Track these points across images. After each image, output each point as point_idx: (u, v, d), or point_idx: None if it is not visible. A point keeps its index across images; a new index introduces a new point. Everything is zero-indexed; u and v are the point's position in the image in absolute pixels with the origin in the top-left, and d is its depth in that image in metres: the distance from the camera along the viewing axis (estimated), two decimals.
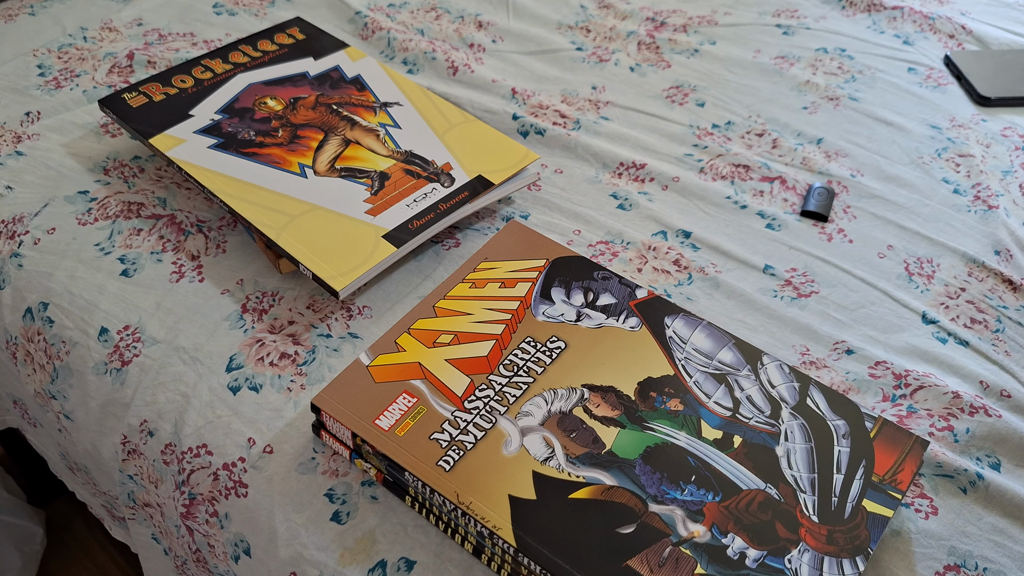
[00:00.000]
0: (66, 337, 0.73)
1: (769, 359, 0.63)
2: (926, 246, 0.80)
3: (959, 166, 0.88)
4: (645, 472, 0.56)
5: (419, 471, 0.56)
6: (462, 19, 1.07)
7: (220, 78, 0.87)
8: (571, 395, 0.60)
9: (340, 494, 0.61)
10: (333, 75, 0.89)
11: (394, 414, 0.59)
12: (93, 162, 0.85)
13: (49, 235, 0.78)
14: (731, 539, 0.53)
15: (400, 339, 0.64)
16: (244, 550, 0.63)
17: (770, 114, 0.94)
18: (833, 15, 1.10)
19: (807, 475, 0.56)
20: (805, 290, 0.75)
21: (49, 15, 1.04)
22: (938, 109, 0.95)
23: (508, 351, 0.63)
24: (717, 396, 0.61)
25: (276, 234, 0.72)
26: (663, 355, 0.63)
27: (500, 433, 0.58)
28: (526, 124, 0.91)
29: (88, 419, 0.73)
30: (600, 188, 0.85)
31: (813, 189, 0.84)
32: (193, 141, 0.80)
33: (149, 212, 0.80)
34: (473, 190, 0.77)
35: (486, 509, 0.54)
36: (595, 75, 0.99)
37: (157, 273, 0.75)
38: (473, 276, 0.69)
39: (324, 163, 0.79)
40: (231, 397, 0.67)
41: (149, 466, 0.69)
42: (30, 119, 0.90)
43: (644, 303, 0.67)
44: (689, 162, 0.87)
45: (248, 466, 0.63)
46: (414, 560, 0.57)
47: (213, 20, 1.05)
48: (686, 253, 0.78)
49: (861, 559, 0.53)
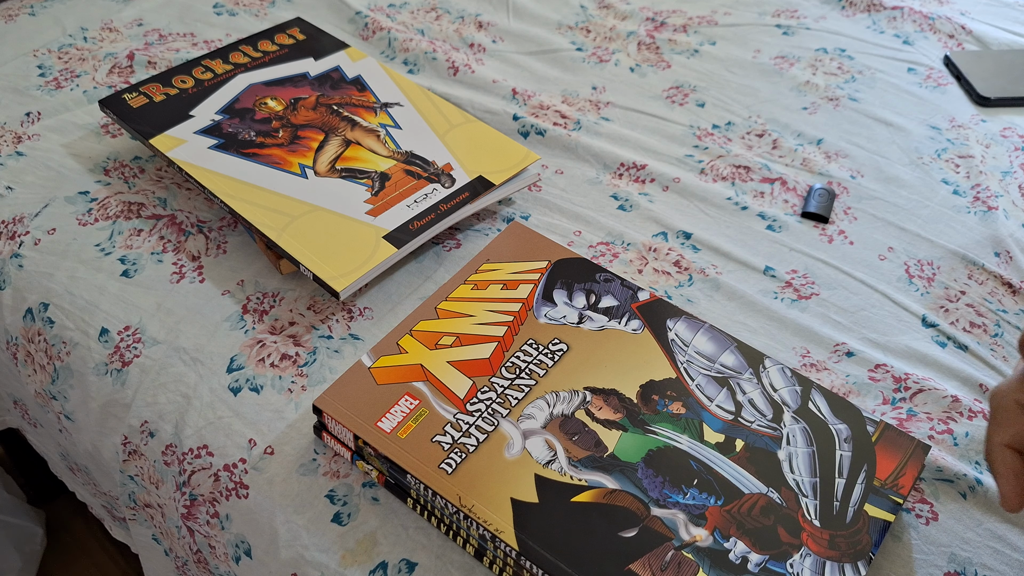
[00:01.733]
0: (67, 338, 0.73)
1: (771, 362, 0.64)
2: (926, 248, 0.80)
3: (959, 167, 0.88)
4: (647, 476, 0.56)
5: (421, 473, 0.56)
6: (462, 19, 1.07)
7: (220, 78, 0.87)
8: (573, 398, 0.60)
9: (341, 495, 0.61)
10: (333, 75, 0.89)
11: (396, 416, 0.59)
12: (93, 162, 0.85)
13: (49, 235, 0.78)
14: (733, 543, 0.53)
15: (402, 341, 0.64)
16: (245, 551, 0.63)
17: (770, 114, 0.94)
18: (833, 15, 1.10)
19: (809, 479, 0.56)
20: (805, 292, 0.75)
21: (49, 15, 1.04)
22: (938, 109, 0.96)
23: (510, 353, 0.63)
24: (719, 399, 0.61)
25: (277, 235, 0.72)
26: (665, 358, 0.63)
27: (502, 436, 0.58)
28: (527, 125, 0.91)
29: (89, 420, 0.73)
30: (601, 189, 0.85)
31: (813, 190, 0.84)
32: (193, 141, 0.79)
33: (149, 212, 0.80)
34: (474, 191, 0.77)
35: (488, 512, 0.54)
36: (595, 75, 0.99)
37: (158, 274, 0.75)
38: (475, 278, 0.69)
39: (325, 164, 0.79)
40: (232, 398, 0.67)
41: (150, 467, 0.69)
42: (30, 119, 0.90)
43: (646, 305, 0.67)
44: (690, 163, 0.88)
45: (249, 467, 0.63)
46: (415, 562, 0.57)
47: (213, 20, 1.05)
48: (687, 254, 0.78)
49: (863, 564, 0.53)
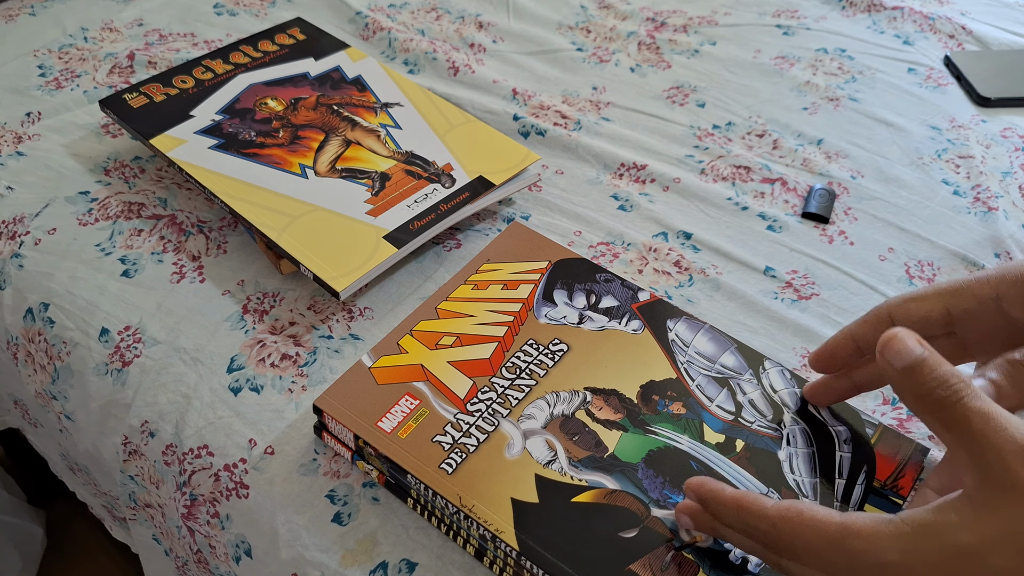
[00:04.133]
0: (67, 338, 0.73)
1: (771, 364, 0.64)
2: (927, 248, 0.80)
3: (959, 167, 0.88)
4: (648, 476, 0.56)
5: (421, 473, 0.56)
6: (463, 19, 1.07)
7: (221, 79, 0.87)
8: (573, 398, 0.60)
9: (341, 495, 0.61)
10: (334, 75, 0.89)
11: (396, 416, 0.59)
12: (94, 162, 0.85)
13: (50, 235, 0.78)
14: None
15: (402, 341, 0.64)
16: (245, 551, 0.63)
17: (770, 115, 0.94)
18: (833, 15, 1.10)
19: (809, 480, 0.57)
20: (806, 292, 0.75)
21: (49, 15, 1.04)
22: (938, 110, 0.96)
23: (510, 353, 0.63)
24: (719, 400, 0.61)
25: (277, 235, 0.72)
26: (665, 358, 0.63)
27: (503, 436, 0.58)
28: (527, 125, 0.91)
29: (89, 420, 0.73)
30: (601, 189, 0.85)
31: (814, 191, 0.84)
32: (194, 142, 0.79)
33: (150, 212, 0.80)
34: (474, 191, 0.77)
35: (488, 512, 0.54)
36: (596, 76, 0.99)
37: (158, 274, 0.75)
38: (475, 278, 0.69)
39: (325, 164, 0.79)
40: (232, 398, 0.67)
41: (150, 467, 0.69)
42: (31, 119, 0.90)
43: (646, 306, 0.67)
44: (690, 163, 0.88)
45: (249, 467, 0.63)
46: (416, 562, 0.57)
47: (214, 20, 1.05)
48: (687, 255, 0.78)
49: None
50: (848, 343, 0.57)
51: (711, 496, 0.49)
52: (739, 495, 0.47)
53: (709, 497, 0.49)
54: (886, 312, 0.55)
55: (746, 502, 0.46)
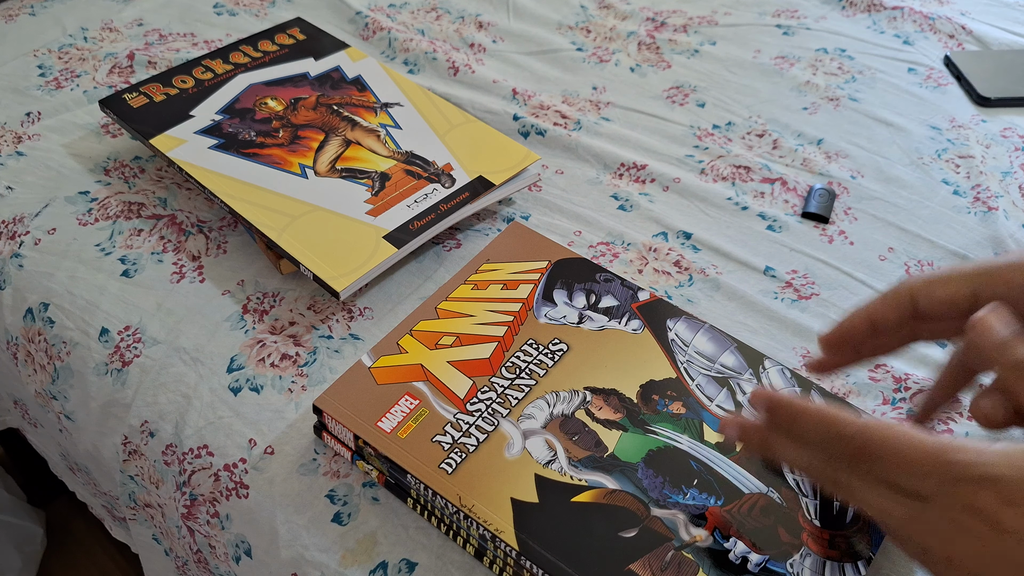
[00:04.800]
0: (67, 338, 0.73)
1: (771, 363, 0.64)
2: (927, 248, 0.80)
3: (959, 167, 0.88)
4: (647, 476, 0.56)
5: (421, 473, 0.56)
6: (462, 19, 1.07)
7: (221, 78, 0.87)
8: (573, 398, 0.60)
9: (341, 495, 0.61)
10: (334, 75, 0.89)
11: (396, 416, 0.59)
12: (93, 162, 0.85)
13: (50, 235, 0.78)
14: (733, 543, 0.53)
15: (402, 341, 0.64)
16: (245, 551, 0.63)
17: (770, 115, 0.94)
18: (833, 15, 1.10)
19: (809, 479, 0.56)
20: (806, 292, 0.75)
21: (49, 15, 1.04)
22: (938, 110, 0.96)
23: (510, 353, 0.63)
24: (719, 399, 0.61)
25: (277, 235, 0.72)
26: (665, 358, 0.63)
27: (502, 436, 0.58)
28: (527, 125, 0.91)
29: (89, 420, 0.73)
30: (601, 189, 0.85)
31: (814, 191, 0.84)
32: (194, 142, 0.79)
33: (150, 212, 0.80)
34: (474, 191, 0.77)
35: (488, 512, 0.54)
36: (596, 75, 0.99)
37: (158, 274, 0.75)
38: (475, 278, 0.69)
39: (325, 164, 0.79)
40: (232, 398, 0.67)
41: (150, 467, 0.69)
42: (30, 119, 0.90)
43: (646, 305, 0.67)
44: (690, 163, 0.88)
45: (249, 467, 0.63)
46: (415, 562, 0.57)
47: (213, 20, 1.05)
48: (687, 254, 0.78)
49: (863, 564, 0.53)
50: (864, 324, 0.54)
51: (786, 404, 0.46)
52: (822, 405, 0.46)
53: (784, 404, 0.47)
54: (907, 292, 0.53)
55: (831, 411, 0.45)
